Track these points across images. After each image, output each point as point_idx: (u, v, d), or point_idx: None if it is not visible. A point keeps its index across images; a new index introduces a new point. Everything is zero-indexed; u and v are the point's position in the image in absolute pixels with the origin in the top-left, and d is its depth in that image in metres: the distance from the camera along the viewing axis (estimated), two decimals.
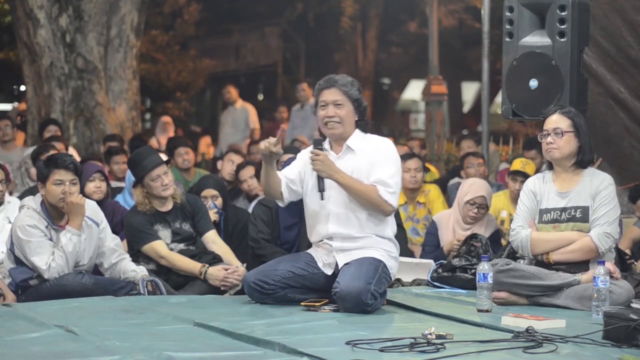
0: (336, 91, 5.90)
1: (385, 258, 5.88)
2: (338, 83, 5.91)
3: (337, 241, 5.91)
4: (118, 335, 4.92)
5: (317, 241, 6.02)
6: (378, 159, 5.88)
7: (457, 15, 22.72)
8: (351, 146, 5.92)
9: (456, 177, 10.04)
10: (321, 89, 5.94)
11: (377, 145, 5.95)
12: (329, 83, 5.92)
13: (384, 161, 5.88)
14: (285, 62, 25.82)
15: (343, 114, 5.88)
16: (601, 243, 5.94)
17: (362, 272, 5.71)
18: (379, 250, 5.89)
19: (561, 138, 6.02)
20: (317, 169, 5.84)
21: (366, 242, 5.89)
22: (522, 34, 7.02)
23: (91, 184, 7.41)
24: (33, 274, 6.31)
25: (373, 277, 5.72)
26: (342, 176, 5.83)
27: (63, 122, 12.01)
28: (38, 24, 12.14)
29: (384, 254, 5.89)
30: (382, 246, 5.91)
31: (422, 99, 17.08)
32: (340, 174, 5.83)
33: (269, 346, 4.70)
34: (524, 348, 4.63)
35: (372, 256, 5.83)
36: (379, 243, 5.91)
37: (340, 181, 5.83)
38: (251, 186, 9.02)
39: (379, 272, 5.78)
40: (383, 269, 5.82)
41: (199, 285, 6.74)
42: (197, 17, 22.02)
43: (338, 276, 5.79)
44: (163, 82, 20.82)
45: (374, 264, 5.80)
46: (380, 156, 5.89)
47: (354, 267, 5.77)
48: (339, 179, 5.83)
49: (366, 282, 5.67)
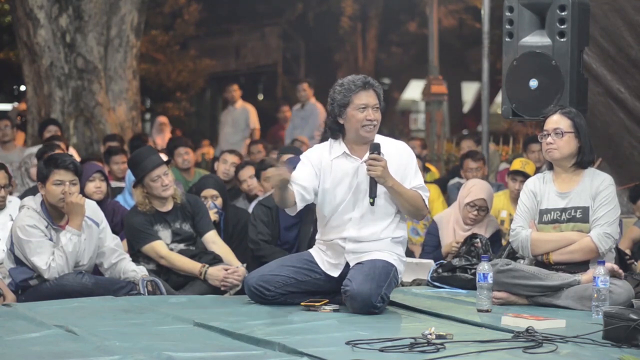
0: (374, 94, 5.84)
1: (397, 262, 5.85)
2: (375, 85, 5.85)
3: (352, 243, 5.85)
4: (118, 335, 4.92)
5: (329, 240, 5.92)
6: (409, 164, 5.88)
7: (457, 15, 22.74)
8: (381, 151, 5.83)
9: (456, 177, 10.04)
10: (359, 90, 5.81)
11: (404, 150, 5.93)
12: (368, 85, 5.82)
13: (415, 167, 5.91)
14: (285, 62, 25.82)
15: (379, 117, 5.86)
16: (601, 243, 5.94)
17: (375, 275, 5.67)
18: (392, 254, 5.85)
19: (561, 138, 6.02)
20: (376, 175, 5.72)
21: (380, 245, 5.85)
22: (522, 34, 7.02)
23: (91, 184, 7.41)
24: (33, 274, 6.31)
25: (385, 280, 5.69)
26: (395, 182, 5.78)
27: (63, 122, 12.02)
28: (38, 24, 12.14)
29: (396, 258, 5.86)
30: (394, 249, 5.88)
31: (422, 99, 17.09)
32: (395, 180, 5.77)
33: (269, 346, 4.70)
34: (524, 348, 4.63)
35: (385, 259, 5.80)
36: (392, 247, 5.88)
37: (395, 187, 5.76)
38: (251, 186, 9.01)
39: (391, 276, 5.75)
40: (394, 273, 5.80)
41: (199, 285, 6.74)
42: (197, 17, 22.03)
43: (349, 274, 5.74)
44: (163, 82, 20.83)
45: (387, 267, 5.76)
46: (411, 162, 5.90)
47: (367, 268, 5.72)
48: (394, 185, 5.76)
49: (378, 285, 5.64)
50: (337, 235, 5.87)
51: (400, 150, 5.94)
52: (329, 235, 5.92)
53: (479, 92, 17.13)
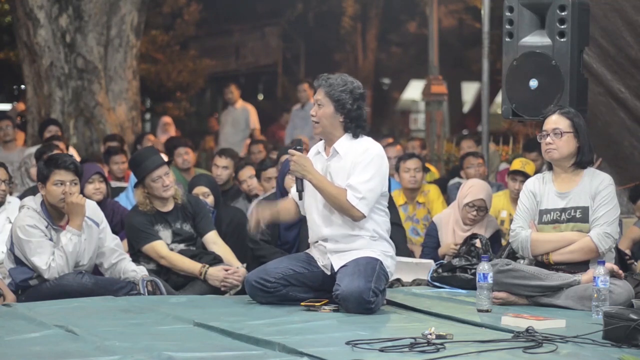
0: (320, 90, 5.91)
1: (382, 257, 5.88)
2: (324, 83, 5.89)
3: (331, 243, 5.91)
4: (118, 335, 4.93)
5: (314, 242, 6.03)
6: (358, 163, 5.83)
7: (457, 15, 22.74)
8: (337, 149, 5.90)
9: (456, 177, 10.04)
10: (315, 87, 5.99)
11: (363, 149, 5.87)
12: (317, 82, 5.94)
13: (361, 166, 5.82)
14: (285, 62, 25.81)
15: (320, 113, 5.88)
16: (601, 243, 5.94)
17: (361, 271, 5.71)
18: (374, 251, 5.88)
19: (560, 139, 6.02)
20: (291, 169, 5.88)
21: (360, 243, 5.88)
22: (522, 34, 7.02)
23: (90, 185, 7.41)
24: (33, 274, 6.31)
25: (372, 275, 5.72)
26: (315, 177, 5.83)
27: (63, 122, 12.01)
28: (38, 24, 12.14)
29: (379, 254, 5.88)
30: (376, 247, 5.91)
31: (422, 99, 17.08)
32: (314, 175, 5.83)
33: (269, 346, 4.70)
34: (524, 348, 4.63)
35: (367, 255, 5.83)
36: (373, 244, 5.90)
37: (313, 182, 5.84)
38: (250, 186, 9.01)
39: (377, 269, 5.78)
40: (380, 266, 5.82)
41: (199, 285, 6.75)
42: (197, 17, 22.01)
43: (337, 278, 5.79)
44: (163, 82, 20.80)
45: (371, 262, 5.79)
46: (360, 161, 5.83)
47: (352, 268, 5.76)
48: (312, 180, 5.84)
49: (366, 281, 5.66)
50: (316, 236, 5.98)
51: (359, 149, 5.87)
52: (312, 237, 6.03)
53: (479, 92, 17.14)
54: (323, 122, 5.89)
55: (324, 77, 5.93)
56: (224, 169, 9.35)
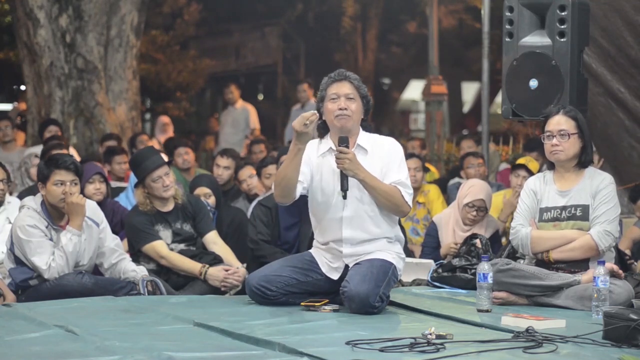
0: (349, 85, 5.81)
1: (396, 260, 5.83)
2: (350, 77, 5.83)
3: (347, 246, 5.81)
4: (118, 335, 4.92)
5: (326, 243, 5.90)
6: (393, 160, 5.80)
7: (457, 15, 22.75)
8: (363, 145, 5.81)
9: (456, 177, 10.04)
10: (332, 82, 5.83)
11: (389, 146, 5.86)
12: (341, 76, 5.83)
13: (399, 162, 5.82)
14: (285, 62, 25.82)
15: (354, 107, 5.78)
16: (601, 241, 5.94)
17: (373, 274, 5.64)
18: (390, 253, 5.83)
19: (567, 140, 6.01)
20: (343, 167, 5.66)
21: (377, 245, 5.82)
22: (522, 34, 7.02)
23: (90, 185, 7.41)
24: (33, 274, 6.31)
25: (383, 280, 5.67)
26: (367, 175, 5.69)
27: (63, 122, 12.01)
28: (38, 24, 12.14)
29: (395, 256, 5.84)
30: (392, 248, 5.87)
31: (422, 99, 17.10)
32: (367, 173, 5.68)
33: (269, 346, 4.70)
34: (524, 348, 4.63)
35: (383, 258, 5.77)
36: (389, 246, 5.86)
37: (367, 181, 5.68)
38: (251, 186, 9.01)
39: (389, 275, 5.73)
40: (393, 271, 5.78)
41: (199, 285, 6.75)
42: (197, 17, 22.02)
43: (348, 275, 5.72)
44: (163, 82, 20.81)
45: (385, 266, 5.74)
46: (395, 157, 5.82)
47: (365, 268, 5.69)
48: (366, 179, 5.68)
49: (376, 285, 5.61)
50: (332, 236, 5.83)
51: (386, 145, 5.87)
52: (325, 237, 5.88)
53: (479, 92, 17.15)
54: (355, 117, 5.79)
55: (344, 72, 5.85)
56: (225, 169, 9.35)
